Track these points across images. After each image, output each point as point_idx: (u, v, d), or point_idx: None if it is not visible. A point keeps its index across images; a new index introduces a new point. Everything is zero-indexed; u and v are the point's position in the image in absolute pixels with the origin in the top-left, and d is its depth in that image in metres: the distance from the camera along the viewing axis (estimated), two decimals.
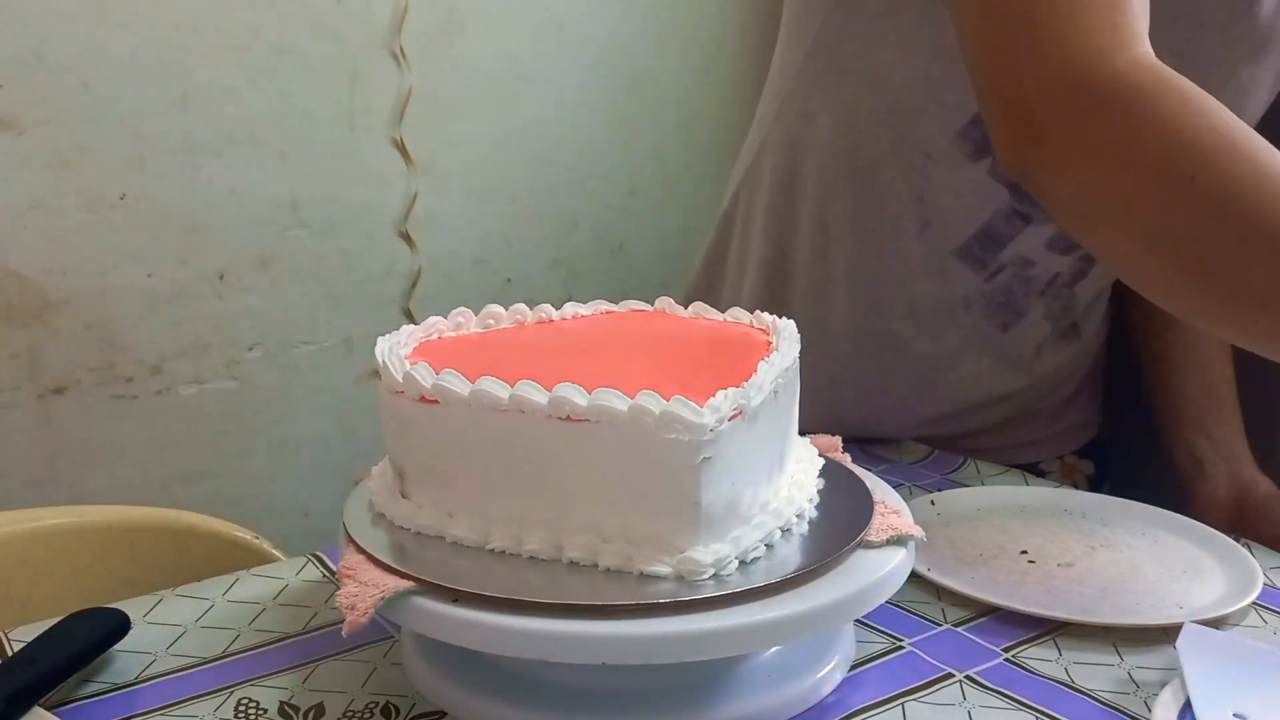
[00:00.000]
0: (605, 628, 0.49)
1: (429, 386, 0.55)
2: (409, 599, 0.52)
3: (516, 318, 0.69)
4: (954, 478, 0.89)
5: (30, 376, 1.19)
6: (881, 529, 0.57)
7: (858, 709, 0.56)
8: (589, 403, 0.51)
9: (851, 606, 0.53)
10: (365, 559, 0.55)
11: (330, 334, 1.38)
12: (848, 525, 0.58)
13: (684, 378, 0.55)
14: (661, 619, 0.49)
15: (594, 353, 0.63)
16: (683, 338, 0.66)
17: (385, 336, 0.62)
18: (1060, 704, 0.57)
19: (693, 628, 0.49)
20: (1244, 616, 0.66)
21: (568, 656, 0.50)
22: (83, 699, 0.58)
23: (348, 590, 0.53)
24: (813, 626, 0.52)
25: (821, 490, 0.62)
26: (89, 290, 1.21)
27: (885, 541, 0.57)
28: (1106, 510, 0.80)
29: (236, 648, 0.63)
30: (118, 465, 1.25)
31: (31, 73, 1.14)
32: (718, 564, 0.52)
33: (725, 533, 0.53)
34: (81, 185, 1.18)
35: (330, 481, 1.38)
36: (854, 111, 0.85)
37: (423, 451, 0.58)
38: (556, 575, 0.53)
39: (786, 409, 0.59)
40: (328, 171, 1.34)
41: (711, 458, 0.50)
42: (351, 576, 0.54)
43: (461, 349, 0.64)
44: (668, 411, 0.50)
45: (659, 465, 0.51)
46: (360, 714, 0.56)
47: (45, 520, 0.88)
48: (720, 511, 0.52)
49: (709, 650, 0.50)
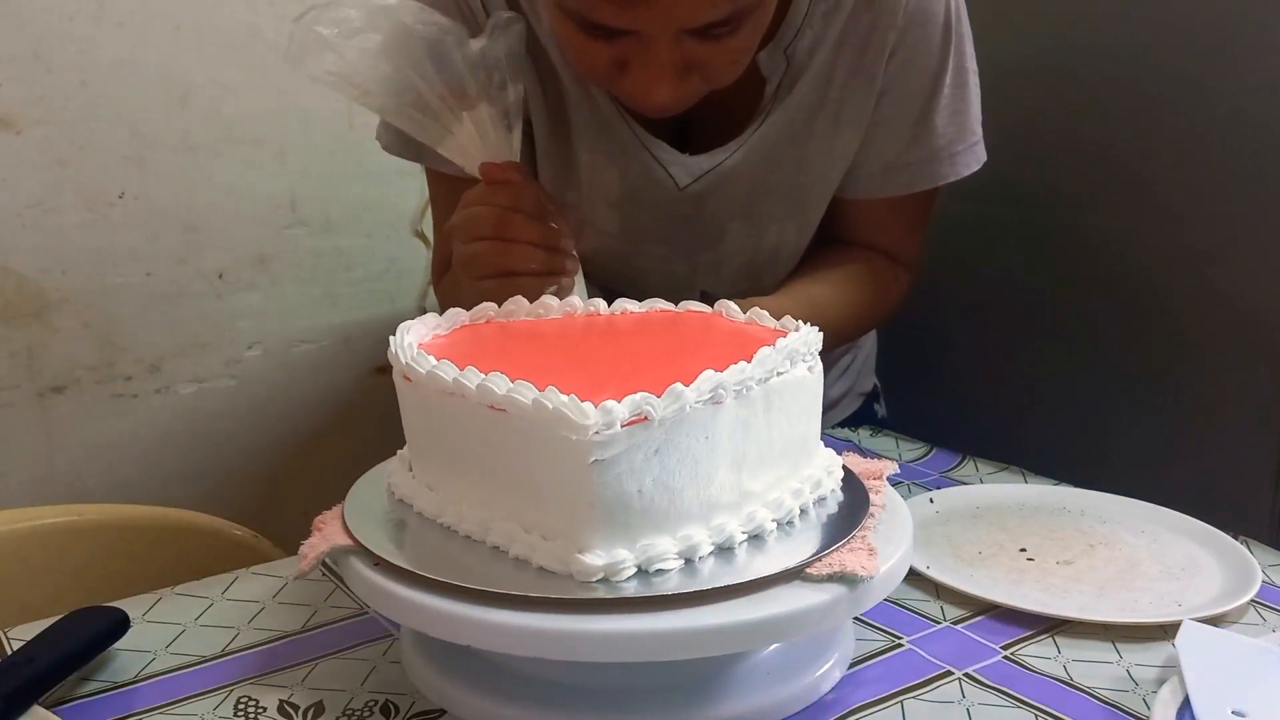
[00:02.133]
0: (485, 614, 0.50)
1: (404, 364, 0.58)
2: (347, 558, 0.56)
3: (567, 310, 0.70)
4: (953, 475, 0.89)
5: (29, 375, 1.19)
6: (830, 564, 0.53)
7: (857, 707, 0.56)
8: (504, 393, 0.52)
9: (716, 641, 0.50)
10: (337, 515, 0.60)
11: (329, 333, 1.38)
12: (790, 553, 0.54)
13: (659, 380, 0.52)
14: (542, 614, 0.49)
15: (610, 350, 0.64)
16: (716, 341, 0.64)
17: (423, 317, 0.66)
18: (1059, 702, 0.57)
19: (560, 626, 0.49)
20: (1243, 614, 0.66)
21: (445, 635, 0.51)
22: (82, 697, 0.58)
23: (311, 541, 0.57)
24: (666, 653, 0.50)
25: (813, 510, 0.59)
26: (88, 289, 1.21)
27: (825, 577, 0.52)
28: (1106, 508, 0.80)
29: (236, 646, 0.63)
30: (117, 464, 1.25)
31: (30, 72, 1.14)
32: (609, 569, 0.50)
33: (633, 539, 0.51)
34: (80, 184, 1.18)
35: (330, 481, 1.38)
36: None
37: (410, 426, 0.62)
38: (479, 559, 0.54)
39: (751, 419, 0.55)
40: (327, 170, 1.33)
41: (605, 461, 0.49)
42: (319, 530, 0.58)
43: (495, 336, 0.67)
44: (558, 409, 0.49)
45: (557, 462, 0.51)
46: (359, 712, 0.56)
47: (44, 519, 0.88)
48: (621, 516, 0.51)
49: (573, 652, 0.50)
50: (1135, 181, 1.09)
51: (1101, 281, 1.13)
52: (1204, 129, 1.02)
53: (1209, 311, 1.04)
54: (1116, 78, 1.09)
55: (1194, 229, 1.04)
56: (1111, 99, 1.10)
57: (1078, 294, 1.15)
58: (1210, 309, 1.04)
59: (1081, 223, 1.14)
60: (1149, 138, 1.07)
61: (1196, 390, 1.06)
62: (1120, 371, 1.12)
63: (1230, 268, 1.02)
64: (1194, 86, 1.03)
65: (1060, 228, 1.16)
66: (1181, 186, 1.05)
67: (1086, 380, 1.15)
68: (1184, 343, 1.07)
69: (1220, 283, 1.03)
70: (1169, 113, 1.05)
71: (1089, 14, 1.11)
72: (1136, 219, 1.09)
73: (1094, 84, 1.11)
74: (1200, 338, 1.05)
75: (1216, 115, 1.01)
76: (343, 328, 1.38)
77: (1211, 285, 1.04)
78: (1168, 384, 1.08)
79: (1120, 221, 1.10)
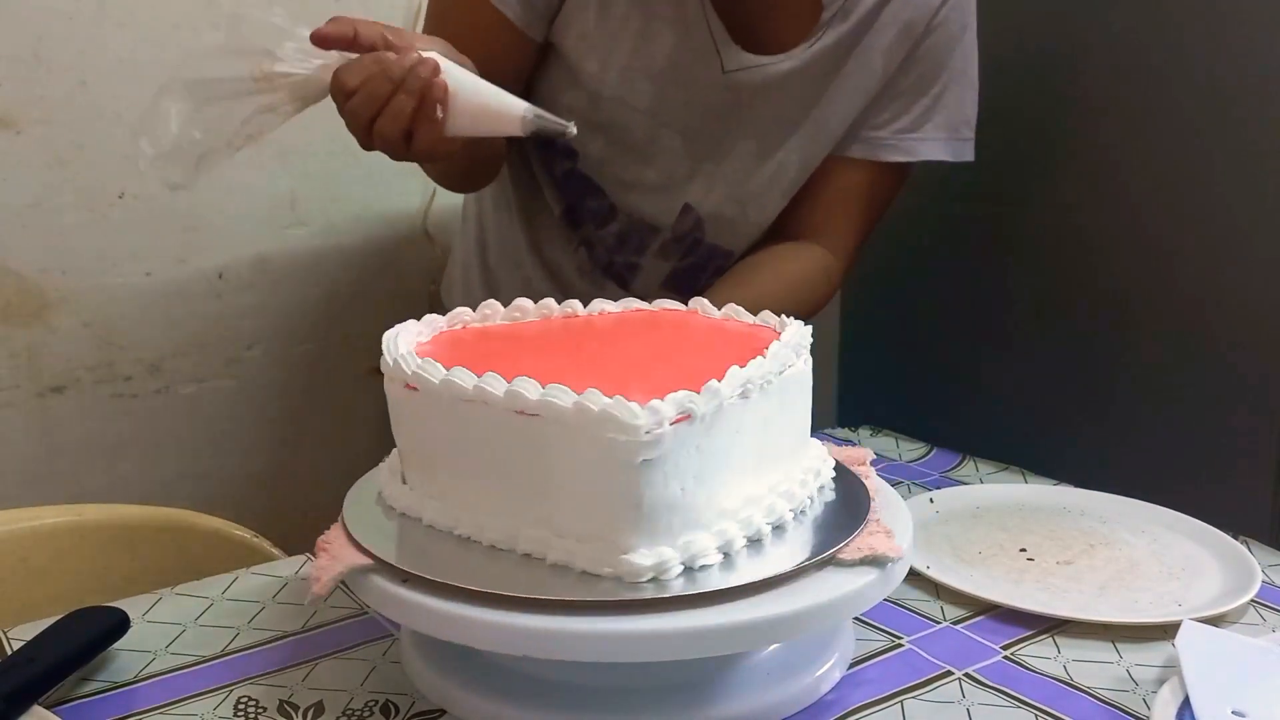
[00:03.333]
0: (536, 621, 0.49)
1: (409, 373, 0.57)
2: (367, 576, 0.53)
3: (543, 312, 0.70)
4: (952, 475, 0.89)
5: (29, 375, 1.19)
6: (859, 548, 0.55)
7: (857, 707, 0.56)
8: (538, 397, 0.51)
9: (776, 629, 0.51)
10: (342, 534, 0.57)
11: (329, 332, 1.38)
12: (824, 540, 0.56)
13: (673, 379, 0.53)
14: (592, 617, 0.49)
15: (603, 350, 0.64)
16: (703, 339, 0.65)
17: (404, 324, 0.64)
18: (1059, 702, 0.57)
19: (616, 628, 0.49)
20: (1243, 614, 0.66)
21: (495, 646, 0.50)
22: (82, 697, 0.58)
23: (320, 562, 0.55)
24: (732, 645, 0.51)
25: (817, 499, 0.60)
26: (88, 289, 1.20)
27: (858, 561, 0.54)
28: (1105, 508, 0.80)
29: (236, 646, 0.63)
30: (117, 464, 1.25)
31: (29, 71, 1.14)
32: (658, 568, 0.51)
33: (674, 537, 0.52)
34: (80, 184, 1.18)
35: (330, 481, 1.38)
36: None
37: (411, 436, 0.60)
38: (507, 567, 0.53)
39: (770, 414, 0.57)
40: (327, 170, 1.33)
41: (653, 460, 0.50)
42: (326, 550, 0.56)
43: (479, 341, 0.65)
44: (605, 411, 0.49)
45: (601, 465, 0.50)
46: (359, 712, 0.56)
47: (44, 519, 0.88)
48: (665, 515, 0.51)
49: (632, 653, 0.50)
50: (1136, 182, 1.09)
51: (1102, 282, 1.13)
52: (1206, 129, 1.02)
53: (1209, 311, 1.04)
54: (1116, 78, 1.09)
55: (1195, 229, 1.04)
56: (1112, 99, 1.10)
57: (1078, 294, 1.15)
58: (1211, 309, 1.04)
59: (1082, 223, 1.14)
60: (1149, 138, 1.07)
61: (1197, 390, 1.06)
62: (1120, 371, 1.12)
63: (1231, 268, 1.02)
64: (1194, 86, 1.03)
65: (1061, 228, 1.16)
66: (1182, 187, 1.05)
67: (1086, 380, 1.15)
68: (1184, 343, 1.07)
69: (1221, 283, 1.03)
70: (1170, 113, 1.05)
71: (1088, 14, 1.11)
72: (1137, 219, 1.09)
73: (1094, 84, 1.11)
74: (1200, 338, 1.05)
75: (1219, 115, 1.01)
76: (343, 328, 1.38)
77: (1212, 285, 1.04)
78: (1168, 384, 1.08)
79: (1121, 222, 1.10)
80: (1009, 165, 1.07)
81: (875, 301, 1.37)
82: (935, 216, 1.06)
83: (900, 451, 0.95)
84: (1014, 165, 1.14)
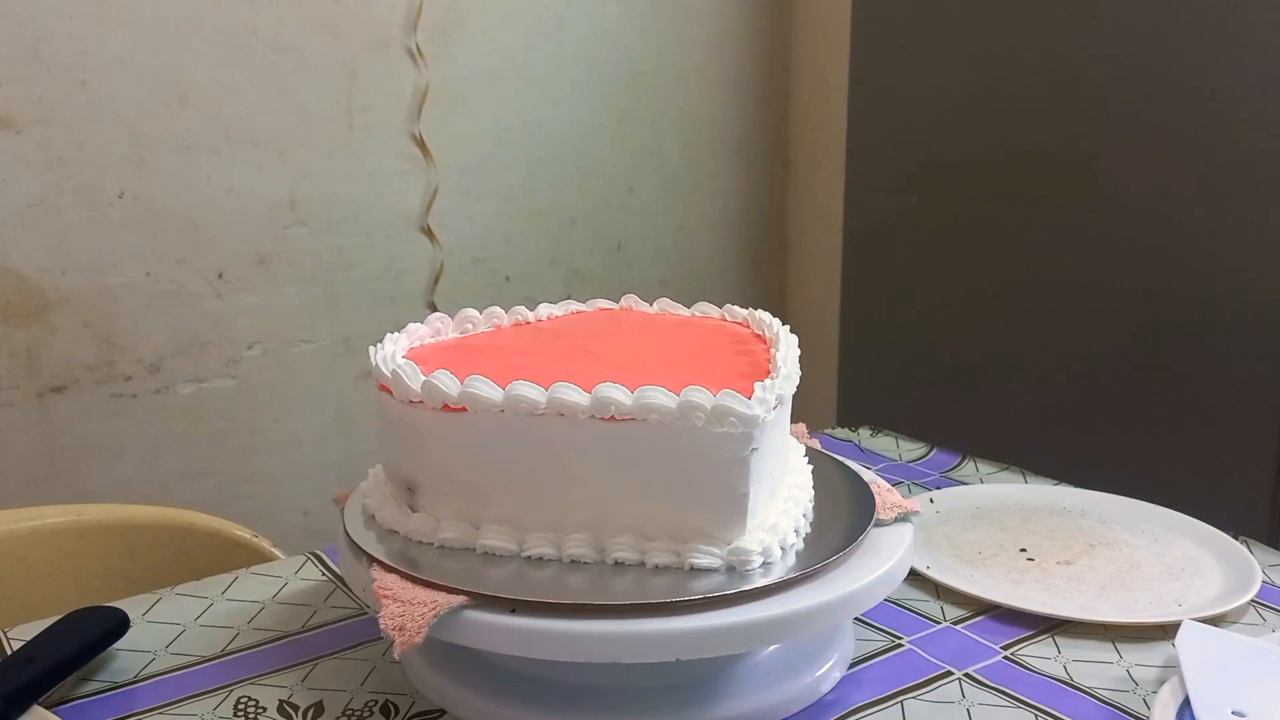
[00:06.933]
0: (677, 624, 0.49)
1: (455, 395, 0.53)
2: (462, 614, 0.50)
3: (516, 318, 0.69)
4: (953, 475, 0.89)
5: (29, 375, 1.19)
6: (888, 507, 0.60)
7: (857, 707, 0.56)
8: (634, 401, 0.51)
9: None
10: (400, 577, 0.53)
11: (329, 332, 1.38)
12: (858, 506, 0.60)
13: (690, 374, 0.55)
14: (725, 610, 0.50)
15: (598, 353, 0.64)
16: (682, 335, 0.67)
17: (381, 344, 0.60)
18: (1059, 702, 0.57)
19: (765, 615, 0.50)
20: (1243, 614, 0.66)
21: (639, 656, 0.49)
22: (82, 697, 0.58)
23: (391, 611, 0.50)
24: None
25: (814, 474, 0.64)
26: (88, 289, 1.20)
27: (894, 520, 0.59)
28: (1106, 508, 0.80)
29: (236, 646, 0.63)
30: (117, 464, 1.25)
31: (29, 71, 1.14)
32: (765, 552, 0.52)
33: (765, 521, 0.54)
34: (80, 184, 1.18)
35: (330, 481, 1.38)
36: None
37: (443, 463, 0.56)
38: (603, 577, 0.52)
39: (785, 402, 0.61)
40: (326, 170, 1.33)
41: (759, 449, 0.52)
42: (391, 597, 0.51)
43: (459, 354, 0.63)
44: (720, 406, 0.50)
45: (707, 460, 0.51)
46: (359, 712, 0.56)
47: (44, 519, 0.88)
48: (762, 501, 0.54)
49: (774, 637, 0.53)
50: (1136, 182, 1.09)
51: (1102, 282, 1.13)
52: (1206, 130, 1.02)
53: (1209, 312, 1.04)
54: (1116, 78, 1.09)
55: (1195, 230, 1.04)
56: (1112, 99, 1.10)
57: (1078, 295, 1.15)
58: (1211, 309, 1.04)
59: (1082, 224, 1.14)
60: (1149, 138, 1.07)
61: (1196, 391, 1.06)
62: (1120, 372, 1.12)
63: (1231, 268, 1.02)
64: (1194, 86, 1.03)
65: (1061, 228, 1.16)
66: (1182, 187, 1.05)
67: (1086, 380, 1.15)
68: (1184, 343, 1.07)
69: (1221, 283, 1.03)
70: (1170, 113, 1.05)
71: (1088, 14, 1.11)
72: (1137, 220, 1.09)
73: (1094, 84, 1.11)
74: (1200, 338, 1.05)
75: (1219, 115, 1.01)
76: (343, 328, 1.38)
77: (1212, 285, 1.04)
78: (1168, 384, 1.08)
79: (1121, 222, 1.10)
80: (1012, 166, 1.07)
81: (875, 301, 1.38)
82: (935, 216, 1.06)
83: (900, 451, 0.95)
84: (1018, 166, 1.14)
